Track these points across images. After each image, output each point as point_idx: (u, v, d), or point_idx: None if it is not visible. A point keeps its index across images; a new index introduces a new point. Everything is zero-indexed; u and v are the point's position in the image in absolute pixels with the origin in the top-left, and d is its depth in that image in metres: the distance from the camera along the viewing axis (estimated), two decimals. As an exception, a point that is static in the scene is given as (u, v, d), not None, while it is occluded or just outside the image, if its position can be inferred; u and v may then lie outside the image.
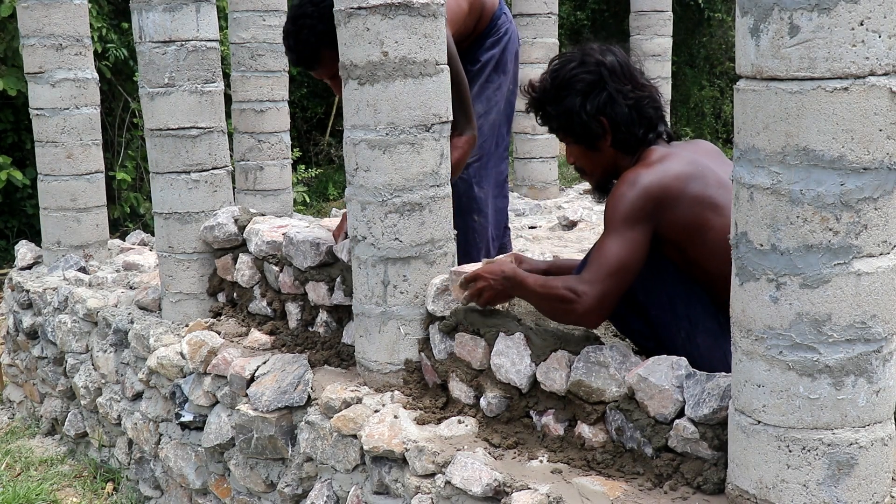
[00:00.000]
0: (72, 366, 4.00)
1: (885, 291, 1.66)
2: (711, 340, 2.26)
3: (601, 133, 2.32)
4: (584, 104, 2.29)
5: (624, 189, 2.19)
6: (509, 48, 3.10)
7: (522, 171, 7.00)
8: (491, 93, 3.06)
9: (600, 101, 2.29)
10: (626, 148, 2.35)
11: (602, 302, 2.14)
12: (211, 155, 3.49)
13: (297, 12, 2.81)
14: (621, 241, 2.15)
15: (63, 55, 4.35)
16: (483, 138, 3.05)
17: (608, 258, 2.15)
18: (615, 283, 2.15)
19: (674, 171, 2.21)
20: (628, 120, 2.30)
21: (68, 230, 4.48)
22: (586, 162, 2.42)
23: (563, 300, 2.17)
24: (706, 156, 2.32)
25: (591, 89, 2.29)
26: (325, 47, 2.78)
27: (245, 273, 3.34)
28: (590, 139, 2.34)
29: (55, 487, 3.79)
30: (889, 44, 1.56)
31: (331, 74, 2.86)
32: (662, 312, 2.33)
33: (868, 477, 1.72)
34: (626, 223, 2.16)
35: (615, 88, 2.29)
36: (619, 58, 2.32)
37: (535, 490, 2.04)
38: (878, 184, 1.61)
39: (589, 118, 2.30)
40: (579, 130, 2.33)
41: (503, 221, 3.28)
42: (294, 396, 2.76)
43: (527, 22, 6.78)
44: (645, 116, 2.32)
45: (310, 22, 2.77)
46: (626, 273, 2.16)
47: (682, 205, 2.18)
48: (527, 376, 2.30)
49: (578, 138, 2.36)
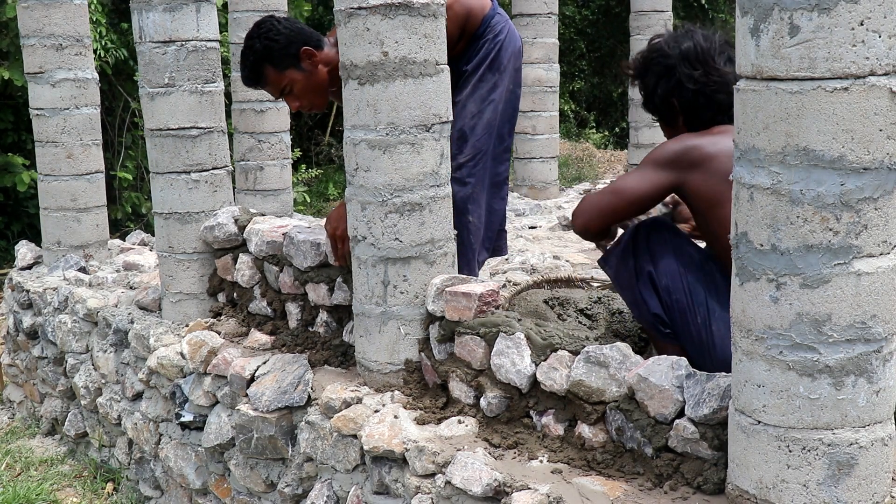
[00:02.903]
0: (72, 366, 4.00)
1: (885, 291, 1.66)
2: (726, 330, 2.28)
3: (674, 113, 2.51)
4: (657, 86, 2.50)
5: (671, 143, 2.39)
6: (506, 47, 3.10)
7: (522, 171, 7.01)
8: (485, 92, 3.06)
9: (670, 85, 2.47)
10: (696, 129, 2.48)
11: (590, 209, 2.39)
12: (211, 155, 3.49)
13: (245, 37, 3.05)
14: (640, 174, 2.37)
15: (63, 55, 4.35)
16: (476, 137, 3.05)
17: (621, 180, 2.40)
18: (610, 200, 2.37)
19: (718, 143, 2.33)
20: (695, 103, 2.45)
21: (68, 230, 4.48)
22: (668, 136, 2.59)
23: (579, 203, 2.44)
24: None
25: (665, 73, 2.48)
26: (265, 64, 2.98)
27: (245, 273, 3.34)
28: (666, 117, 2.55)
29: (55, 487, 3.79)
30: (889, 44, 1.56)
31: (279, 91, 3.06)
32: (683, 296, 2.40)
33: (868, 477, 1.72)
34: (654, 164, 2.36)
35: (685, 73, 2.44)
36: (696, 43, 2.46)
37: (535, 490, 2.04)
38: (879, 184, 1.61)
39: (661, 100, 2.51)
40: (657, 109, 2.55)
41: (498, 224, 3.26)
42: (294, 396, 2.76)
43: (527, 22, 6.79)
44: (714, 101, 2.45)
45: (249, 43, 3.00)
46: (631, 199, 2.37)
47: (708, 172, 2.30)
48: (527, 376, 2.30)
49: (660, 116, 2.57)
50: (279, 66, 2.97)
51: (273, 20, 3.01)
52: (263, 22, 3.01)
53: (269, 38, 2.95)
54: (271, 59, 2.97)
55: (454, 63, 2.86)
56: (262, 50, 2.96)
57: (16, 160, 6.81)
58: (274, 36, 2.95)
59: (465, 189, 3.02)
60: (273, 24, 2.99)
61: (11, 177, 6.80)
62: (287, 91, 3.03)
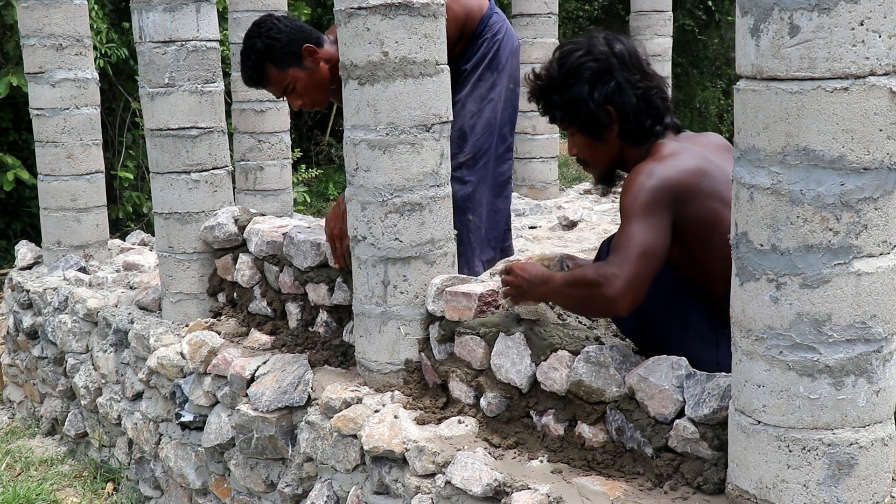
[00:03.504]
0: (72, 366, 4.00)
1: (885, 291, 1.66)
2: (703, 344, 2.26)
3: (608, 122, 2.27)
4: (592, 92, 2.24)
5: (642, 179, 2.14)
6: (504, 46, 3.10)
7: (522, 171, 7.00)
8: (484, 91, 3.07)
9: (608, 89, 2.24)
10: (633, 139, 2.30)
11: (633, 284, 2.05)
12: (211, 155, 3.49)
13: (244, 37, 3.03)
14: (645, 226, 2.09)
15: (63, 55, 4.35)
16: (476, 136, 3.06)
17: (635, 241, 2.07)
18: (645, 266, 2.07)
19: (687, 166, 2.17)
20: (636, 110, 2.26)
21: (68, 230, 4.48)
22: (591, 153, 2.37)
23: (592, 284, 2.09)
24: (715, 151, 2.29)
25: (599, 77, 2.25)
26: (267, 63, 2.97)
27: (245, 273, 3.34)
28: (596, 129, 2.30)
29: (55, 487, 3.79)
30: (889, 44, 1.56)
31: (282, 90, 3.04)
32: (657, 312, 2.32)
33: (868, 477, 1.72)
34: (649, 210, 2.11)
35: (624, 77, 2.25)
36: (627, 47, 2.28)
37: (535, 490, 2.04)
38: (878, 184, 1.61)
39: (596, 107, 2.25)
40: (586, 119, 2.28)
41: (504, 223, 3.27)
42: (294, 396, 2.76)
43: (527, 22, 6.78)
44: (653, 107, 2.28)
45: (249, 42, 2.98)
46: (654, 257, 2.09)
47: (698, 200, 2.15)
48: (527, 376, 2.30)
49: (584, 128, 2.31)
50: (281, 64, 2.97)
51: (273, 19, 3.01)
52: (263, 21, 3.01)
53: (271, 36, 2.94)
54: (273, 58, 2.96)
55: (453, 63, 2.86)
56: (263, 49, 2.95)
57: (6, 159, 6.80)
58: (275, 34, 2.95)
59: (466, 188, 3.03)
60: (273, 22, 2.98)
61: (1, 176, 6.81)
62: (290, 89, 3.03)
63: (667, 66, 7.73)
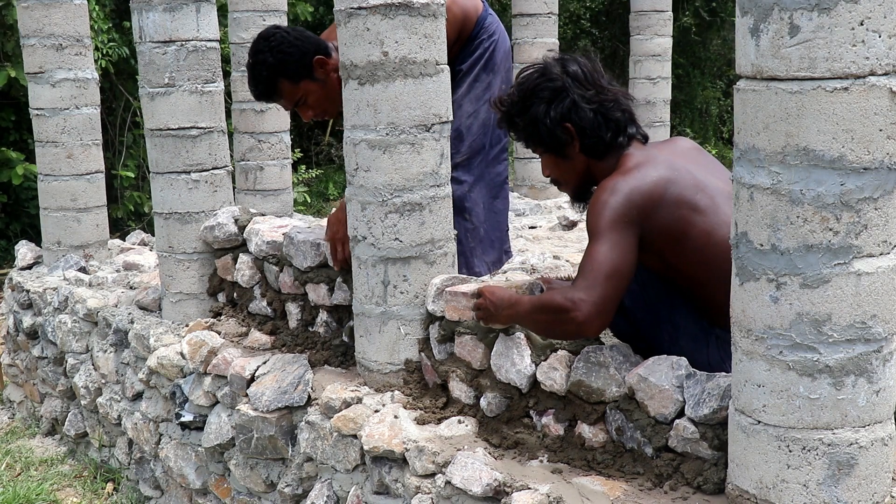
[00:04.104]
0: (72, 366, 4.00)
1: (885, 291, 1.66)
2: (694, 344, 2.27)
3: (568, 140, 2.31)
4: (549, 111, 2.29)
5: (605, 196, 2.17)
6: (499, 47, 3.12)
7: (522, 171, 7.00)
8: (480, 91, 3.07)
9: (563, 107, 2.29)
10: (595, 153, 2.33)
11: (601, 307, 2.08)
12: (211, 155, 3.49)
13: (252, 51, 2.95)
14: (610, 245, 2.11)
15: (63, 55, 4.35)
16: (473, 137, 3.06)
17: (600, 263, 2.10)
18: (612, 287, 2.08)
19: (652, 176, 2.20)
20: (594, 124, 2.29)
21: (68, 230, 4.48)
22: (559, 172, 2.41)
23: (560, 310, 2.10)
24: (684, 156, 2.31)
25: (554, 96, 2.29)
26: (280, 77, 2.91)
27: (245, 273, 3.34)
28: (558, 147, 2.34)
29: (55, 487, 3.79)
30: (889, 44, 1.56)
31: (293, 103, 2.98)
32: (646, 316, 2.34)
33: (868, 477, 1.72)
34: (613, 228, 2.13)
35: (578, 94, 2.29)
36: (582, 66, 2.32)
37: (535, 490, 2.04)
38: (878, 184, 1.61)
39: (554, 124, 2.29)
40: (547, 138, 2.32)
41: (503, 224, 3.27)
42: (294, 396, 2.76)
43: (527, 22, 6.78)
44: (611, 119, 2.31)
45: (261, 57, 2.90)
46: (621, 277, 2.11)
47: (664, 209, 2.17)
48: (527, 376, 2.30)
49: (547, 147, 2.35)
50: (294, 77, 2.90)
51: (282, 31, 2.94)
52: (271, 34, 2.93)
53: (282, 50, 2.87)
54: (286, 72, 2.89)
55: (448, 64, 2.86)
56: (275, 63, 2.88)
57: (10, 154, 6.80)
58: (286, 48, 2.88)
59: (462, 188, 3.03)
60: (283, 35, 2.91)
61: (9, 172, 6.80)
62: (302, 102, 2.97)
63: (667, 66, 7.73)
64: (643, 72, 7.67)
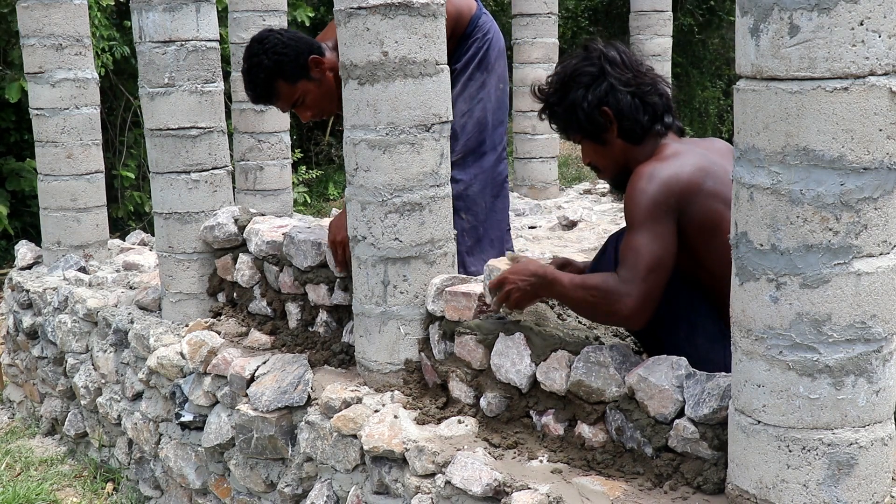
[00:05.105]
0: (72, 366, 4.00)
1: (885, 291, 1.66)
2: (710, 344, 2.26)
3: (606, 124, 2.31)
4: (586, 96, 2.29)
5: (642, 184, 2.16)
6: (493, 46, 3.12)
7: (522, 171, 7.00)
8: (474, 90, 3.08)
9: (601, 91, 2.29)
10: (633, 138, 2.32)
11: (646, 301, 2.10)
12: (211, 155, 3.49)
13: (247, 55, 2.97)
14: (651, 236, 2.11)
15: (63, 55, 4.35)
16: (467, 136, 3.06)
17: (643, 255, 2.10)
18: (655, 280, 2.11)
19: (691, 164, 2.19)
20: (631, 108, 2.29)
21: (68, 230, 4.48)
22: (598, 158, 2.40)
23: (606, 299, 2.12)
24: (719, 154, 2.31)
25: (592, 81, 2.29)
26: (277, 79, 2.93)
27: (245, 273, 3.34)
28: (596, 132, 2.33)
29: (55, 487, 3.79)
30: (889, 44, 1.56)
31: (291, 104, 3.00)
32: (663, 313, 2.31)
33: (868, 477, 1.72)
34: (653, 217, 2.13)
35: (616, 78, 2.29)
36: (619, 50, 2.33)
37: (535, 490, 2.04)
38: (878, 184, 1.61)
39: (592, 109, 2.29)
40: (585, 124, 2.32)
41: (503, 224, 3.28)
42: (294, 396, 2.76)
43: (527, 22, 6.79)
44: (649, 104, 2.31)
45: (256, 60, 2.92)
46: (664, 268, 2.12)
47: (700, 200, 2.16)
48: (527, 376, 2.30)
49: (586, 133, 2.34)
50: (291, 78, 2.93)
51: (275, 34, 2.96)
52: (265, 37, 2.95)
53: (277, 52, 2.90)
54: (283, 74, 2.92)
55: None
56: (272, 66, 2.90)
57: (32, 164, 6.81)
58: (281, 49, 2.90)
59: (458, 186, 3.03)
60: (277, 37, 2.94)
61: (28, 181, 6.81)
62: (300, 103, 2.99)
63: (667, 66, 7.73)
64: (643, 72, 7.66)
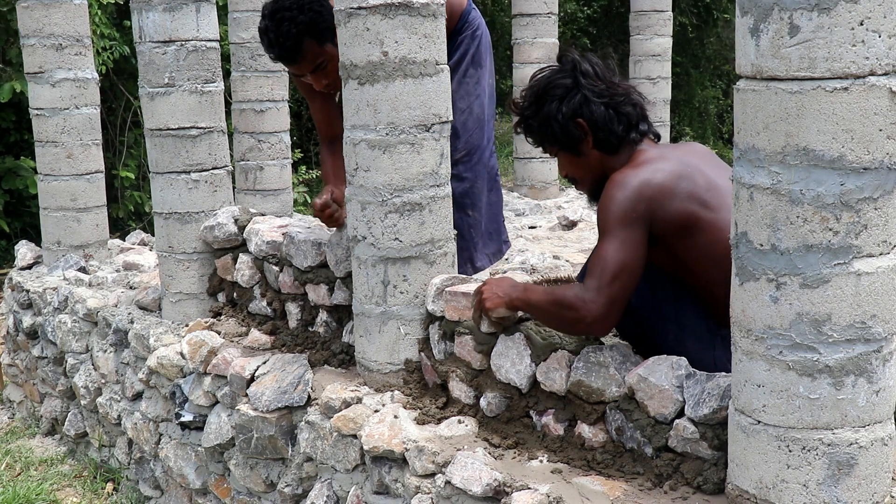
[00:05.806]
0: (72, 366, 4.00)
1: (885, 291, 1.66)
2: (700, 344, 2.26)
3: (581, 135, 2.33)
4: (561, 108, 2.31)
5: (613, 191, 2.19)
6: (483, 42, 3.13)
7: (522, 171, 7.00)
8: (470, 87, 3.08)
9: (575, 102, 2.30)
10: (608, 148, 2.34)
11: (610, 308, 2.11)
12: (211, 155, 3.49)
13: (275, 7, 2.82)
14: (619, 244, 2.13)
15: (63, 55, 4.35)
16: (469, 133, 3.06)
17: (609, 263, 2.12)
18: (620, 288, 2.11)
19: (664, 170, 2.21)
20: (605, 118, 2.31)
21: (68, 230, 4.48)
22: (575, 170, 2.42)
23: (570, 308, 2.14)
24: (697, 157, 2.32)
25: (566, 93, 2.32)
26: (307, 37, 2.79)
27: (245, 273, 3.34)
28: (571, 144, 2.35)
29: (55, 487, 3.79)
30: (889, 44, 1.56)
31: (313, 66, 2.87)
32: (651, 315, 2.33)
33: (868, 477, 1.72)
34: (621, 224, 2.14)
35: (589, 89, 2.30)
36: (592, 63, 2.35)
37: (535, 490, 2.04)
38: (878, 184, 1.61)
39: (566, 121, 2.31)
40: (560, 135, 2.34)
41: (499, 216, 3.29)
42: (294, 396, 2.76)
43: (527, 22, 6.79)
44: (623, 114, 2.32)
45: (289, 14, 2.79)
46: (630, 276, 2.13)
47: (674, 202, 2.18)
48: (527, 376, 2.30)
49: (562, 145, 2.36)
50: (320, 39, 2.81)
51: None
52: None
53: (313, 9, 2.78)
54: (315, 32, 2.79)
55: None
56: (306, 21, 2.77)
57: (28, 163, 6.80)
58: (318, 7, 2.78)
59: (464, 185, 3.03)
60: None
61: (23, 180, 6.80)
62: (321, 67, 2.87)
63: (667, 66, 7.74)
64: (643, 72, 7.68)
